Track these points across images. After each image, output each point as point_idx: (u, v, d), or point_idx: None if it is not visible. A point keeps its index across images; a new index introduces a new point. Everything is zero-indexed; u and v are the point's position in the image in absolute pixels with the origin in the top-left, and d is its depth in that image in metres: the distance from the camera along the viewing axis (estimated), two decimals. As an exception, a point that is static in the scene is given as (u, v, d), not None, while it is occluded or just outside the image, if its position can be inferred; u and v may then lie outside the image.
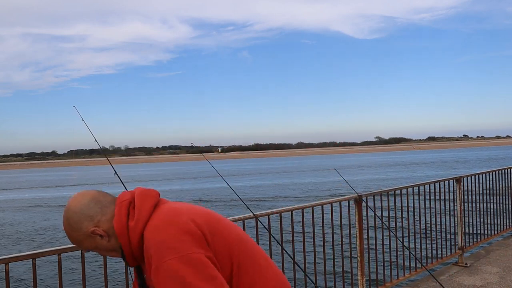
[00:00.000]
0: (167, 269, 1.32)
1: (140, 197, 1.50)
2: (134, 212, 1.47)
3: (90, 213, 1.48)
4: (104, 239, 1.49)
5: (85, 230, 1.47)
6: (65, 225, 1.50)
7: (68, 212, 1.49)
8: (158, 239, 1.37)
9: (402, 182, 27.28)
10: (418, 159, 65.76)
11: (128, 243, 1.45)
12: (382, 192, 4.79)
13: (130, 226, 1.44)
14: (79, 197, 1.51)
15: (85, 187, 41.14)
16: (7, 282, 2.37)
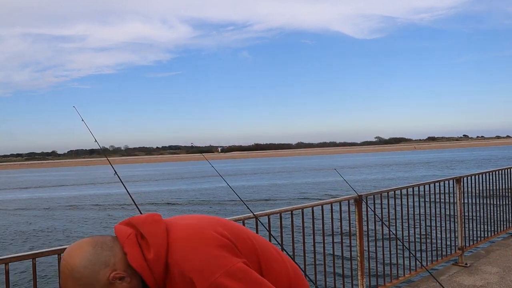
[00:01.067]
0: (219, 285, 1.24)
1: (145, 225, 1.36)
2: (146, 242, 1.32)
3: (101, 259, 1.29)
4: (126, 281, 1.30)
5: (104, 280, 1.27)
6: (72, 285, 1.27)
7: (75, 272, 1.27)
8: (195, 262, 1.26)
9: (402, 182, 27.28)
10: (418, 159, 65.76)
11: (152, 277, 1.30)
12: (382, 192, 4.79)
13: (150, 258, 1.29)
14: (79, 250, 1.30)
15: (85, 187, 41.14)
16: (7, 282, 2.37)
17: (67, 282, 1.27)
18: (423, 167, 45.98)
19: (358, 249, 4.36)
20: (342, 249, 4.34)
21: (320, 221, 4.16)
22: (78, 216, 20.87)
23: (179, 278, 1.27)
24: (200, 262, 1.26)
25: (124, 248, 1.32)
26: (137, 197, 3.59)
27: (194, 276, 1.25)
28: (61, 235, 16.15)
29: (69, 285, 1.27)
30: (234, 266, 1.27)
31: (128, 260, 1.30)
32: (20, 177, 73.65)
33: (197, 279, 1.24)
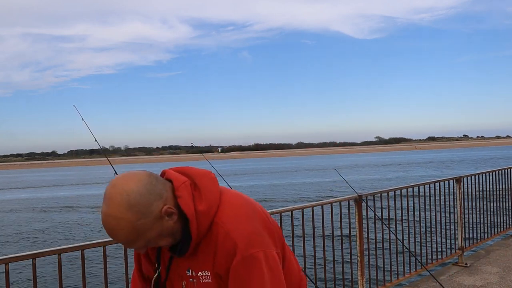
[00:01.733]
0: (253, 261, 1.27)
1: (202, 179, 1.35)
2: (199, 194, 1.32)
3: (157, 190, 1.26)
4: (173, 218, 1.28)
5: (156, 211, 1.24)
6: (127, 216, 1.21)
7: (131, 197, 1.21)
8: (244, 230, 1.29)
9: (402, 182, 27.27)
10: (418, 159, 65.75)
11: (197, 228, 1.29)
12: (382, 192, 4.79)
13: (200, 210, 1.29)
14: (135, 177, 1.26)
15: (84, 187, 41.14)
16: (7, 282, 2.37)
17: (120, 208, 1.20)
18: (423, 167, 45.97)
19: (358, 249, 4.36)
20: (342, 249, 4.34)
21: (320, 221, 4.16)
22: (75, 218, 20.85)
23: (221, 238, 1.29)
24: (248, 232, 1.29)
25: (177, 191, 1.30)
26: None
27: (239, 240, 1.27)
28: (58, 236, 16.14)
29: (121, 212, 1.20)
30: (271, 252, 1.31)
31: (180, 204, 1.29)
32: (19, 177, 73.64)
33: (240, 244, 1.27)
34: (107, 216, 1.22)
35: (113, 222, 1.21)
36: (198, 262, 1.35)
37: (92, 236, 15.27)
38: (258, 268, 1.28)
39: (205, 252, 1.33)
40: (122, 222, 1.20)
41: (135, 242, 1.26)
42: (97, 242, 2.75)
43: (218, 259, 1.30)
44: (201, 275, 1.35)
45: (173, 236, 1.32)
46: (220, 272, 1.31)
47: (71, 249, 2.68)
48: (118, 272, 8.36)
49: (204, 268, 1.34)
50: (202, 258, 1.34)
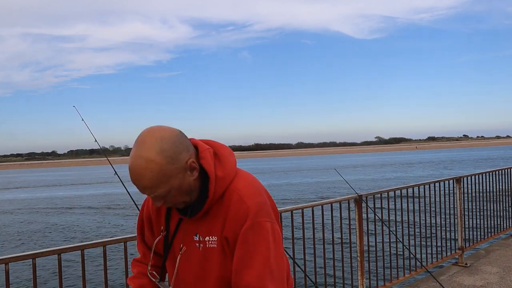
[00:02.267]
0: (262, 229, 1.36)
1: (224, 151, 1.45)
2: (219, 163, 1.41)
3: (185, 143, 1.36)
4: (194, 175, 1.36)
5: (183, 161, 1.32)
6: (157, 159, 1.27)
7: (164, 142, 1.30)
8: (257, 199, 1.39)
9: (402, 182, 27.27)
10: (418, 159, 65.74)
11: (214, 189, 1.38)
12: (382, 192, 4.79)
13: (219, 175, 1.39)
14: (168, 128, 1.36)
15: (82, 186, 41.13)
16: (7, 282, 2.37)
17: (152, 151, 1.28)
18: (424, 167, 45.97)
19: (358, 249, 4.36)
20: (342, 249, 4.34)
21: (320, 221, 4.16)
22: (73, 219, 20.85)
23: (235, 203, 1.37)
24: (259, 201, 1.39)
25: (201, 153, 1.40)
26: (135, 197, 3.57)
27: (251, 206, 1.36)
28: (58, 237, 16.14)
29: (152, 154, 1.27)
30: (276, 226, 1.41)
31: (203, 164, 1.38)
32: (19, 177, 73.63)
33: (252, 210, 1.36)
34: (137, 158, 1.29)
35: (143, 164, 1.27)
36: (206, 227, 1.42)
37: (91, 236, 15.27)
38: (265, 236, 1.36)
39: (215, 217, 1.40)
40: (152, 164, 1.27)
41: (157, 188, 1.30)
42: (97, 242, 2.75)
43: (229, 222, 1.37)
44: (208, 240, 1.41)
45: (190, 194, 1.38)
46: (228, 235, 1.37)
47: (71, 249, 2.68)
48: (119, 272, 8.36)
49: (211, 233, 1.41)
50: (212, 223, 1.41)
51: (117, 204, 24.79)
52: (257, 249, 1.35)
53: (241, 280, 1.35)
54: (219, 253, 1.40)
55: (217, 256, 1.41)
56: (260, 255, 1.35)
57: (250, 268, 1.34)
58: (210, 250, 1.41)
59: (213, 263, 1.41)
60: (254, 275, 1.34)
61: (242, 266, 1.35)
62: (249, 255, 1.35)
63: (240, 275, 1.35)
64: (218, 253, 1.40)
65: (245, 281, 1.34)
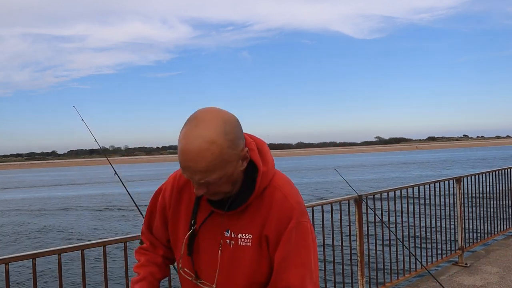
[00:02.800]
0: (305, 229, 1.34)
1: (265, 147, 1.39)
2: (262, 158, 1.35)
3: (242, 130, 1.29)
4: (244, 164, 1.28)
5: (241, 148, 1.24)
6: (220, 141, 1.17)
7: (227, 125, 1.20)
8: (298, 199, 1.37)
9: (402, 182, 27.27)
10: (419, 159, 65.73)
11: (260, 181, 1.32)
12: (382, 192, 4.79)
13: (263, 170, 1.32)
14: (227, 111, 1.26)
15: (82, 186, 41.14)
16: (7, 282, 2.37)
17: (215, 132, 1.17)
18: (424, 167, 45.97)
19: (358, 249, 4.36)
20: (342, 249, 4.34)
21: (320, 221, 4.16)
22: (71, 219, 20.84)
23: (279, 201, 1.32)
24: (300, 202, 1.37)
25: (248, 144, 1.32)
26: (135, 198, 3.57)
27: (295, 206, 1.33)
28: (56, 237, 16.13)
29: (216, 136, 1.17)
30: (312, 226, 1.39)
31: (252, 156, 1.31)
32: (18, 177, 73.62)
33: (296, 210, 1.33)
34: (197, 138, 1.16)
35: (204, 145, 1.16)
36: (241, 224, 1.34)
37: (92, 236, 15.27)
38: (307, 237, 1.34)
39: (254, 214, 1.33)
40: (213, 146, 1.16)
41: (212, 172, 1.19)
42: (97, 242, 2.75)
43: (271, 221, 1.31)
44: (241, 238, 1.34)
45: (234, 185, 1.30)
46: (269, 234, 1.31)
47: (71, 249, 2.68)
48: (119, 271, 8.36)
49: (246, 231, 1.33)
50: (248, 219, 1.33)
51: (113, 205, 24.78)
52: (300, 250, 1.32)
53: (282, 280, 1.31)
54: (253, 252, 1.33)
55: (250, 255, 1.33)
56: (303, 256, 1.32)
57: (292, 269, 1.31)
58: (242, 248, 1.34)
59: (244, 262, 1.34)
60: (295, 275, 1.31)
61: (283, 266, 1.31)
62: (292, 255, 1.31)
63: (281, 275, 1.31)
64: (252, 251, 1.33)
65: (286, 281, 1.30)
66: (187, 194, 1.44)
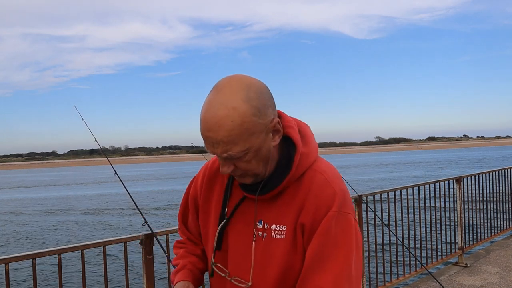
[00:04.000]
0: (348, 222, 1.12)
1: (308, 130, 1.24)
2: (303, 139, 1.19)
3: (273, 100, 1.13)
4: (275, 140, 1.12)
5: (269, 118, 1.09)
6: (242, 107, 1.04)
7: (251, 90, 1.07)
8: (343, 186, 1.16)
9: (402, 182, 27.26)
10: (420, 159, 65.72)
11: (297, 162, 1.14)
12: (382, 192, 4.79)
13: (303, 151, 1.15)
14: (253, 78, 1.12)
15: (81, 186, 41.14)
16: (7, 282, 2.37)
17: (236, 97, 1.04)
18: (424, 167, 45.95)
19: (358, 249, 4.35)
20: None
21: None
22: (70, 219, 20.83)
23: (319, 184, 1.13)
24: (344, 191, 1.16)
25: (287, 122, 1.18)
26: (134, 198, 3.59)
27: (338, 192, 1.13)
28: (54, 238, 16.13)
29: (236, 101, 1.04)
30: (358, 224, 1.18)
31: (289, 132, 1.16)
32: (18, 177, 73.62)
33: (339, 197, 1.12)
34: (216, 104, 1.05)
35: (223, 111, 1.03)
36: (275, 213, 1.17)
37: (92, 236, 15.27)
38: (350, 232, 1.11)
39: (290, 201, 1.15)
40: (235, 112, 1.03)
41: (234, 144, 1.05)
42: (97, 242, 2.75)
43: (309, 207, 1.12)
44: (274, 229, 1.16)
45: (266, 164, 1.14)
46: (305, 222, 1.12)
47: (71, 249, 2.68)
48: (119, 272, 8.36)
49: (280, 221, 1.15)
50: (283, 208, 1.16)
51: (113, 205, 24.77)
52: (338, 246, 1.09)
53: (310, 282, 1.09)
54: (287, 246, 1.14)
55: (283, 249, 1.14)
56: (341, 254, 1.09)
57: (325, 269, 1.08)
58: (275, 241, 1.15)
59: (276, 257, 1.15)
60: (328, 279, 1.07)
61: (315, 264, 1.09)
62: (327, 252, 1.09)
63: (311, 275, 1.10)
64: (285, 245, 1.14)
65: (318, 283, 1.08)
66: (219, 183, 1.30)
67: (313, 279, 1.09)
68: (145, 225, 2.70)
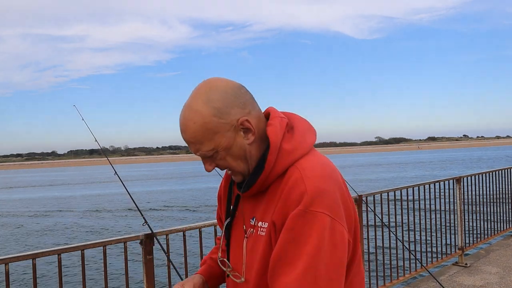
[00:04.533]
0: (315, 220, 1.06)
1: (302, 125, 1.23)
2: (291, 135, 1.19)
3: (242, 99, 1.16)
4: (248, 138, 1.16)
5: (233, 117, 1.13)
6: (203, 109, 1.12)
7: (212, 92, 1.14)
8: (318, 184, 1.09)
9: (402, 182, 27.25)
10: (421, 159, 65.70)
11: (273, 161, 1.15)
12: (382, 192, 4.79)
13: (284, 148, 1.15)
14: (227, 80, 1.18)
15: (78, 186, 41.14)
16: (7, 282, 2.37)
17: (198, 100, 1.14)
18: (425, 167, 45.95)
19: (358, 249, 4.35)
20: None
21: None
22: (69, 219, 20.83)
23: (293, 182, 1.11)
24: (322, 190, 1.09)
25: (270, 120, 1.20)
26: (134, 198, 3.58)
27: (310, 190, 1.08)
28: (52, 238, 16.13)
29: (197, 104, 1.14)
30: (341, 227, 1.09)
31: (267, 131, 1.17)
32: (17, 178, 73.61)
33: (309, 195, 1.08)
34: (185, 108, 1.17)
35: (187, 115, 1.15)
36: (262, 210, 1.19)
37: (92, 237, 15.27)
38: (318, 231, 1.05)
39: (272, 199, 1.16)
40: (196, 115, 1.13)
41: (201, 143, 1.14)
42: (97, 242, 2.75)
43: (280, 204, 1.12)
44: (260, 226, 1.19)
45: (245, 161, 1.18)
46: (276, 219, 1.12)
47: (71, 249, 2.68)
48: (119, 272, 8.36)
49: (264, 219, 1.18)
50: (267, 205, 1.17)
51: (113, 205, 24.77)
52: (301, 244, 1.05)
53: (276, 280, 1.08)
54: (266, 243, 1.15)
55: (263, 246, 1.15)
56: (304, 253, 1.04)
57: (289, 265, 1.06)
58: (259, 238, 1.17)
59: (258, 254, 1.16)
60: (292, 276, 1.04)
61: (280, 260, 1.08)
62: (290, 249, 1.06)
63: (277, 272, 1.08)
64: (265, 242, 1.15)
65: (281, 283, 1.06)
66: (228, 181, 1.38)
67: (276, 278, 1.08)
68: (145, 225, 2.70)
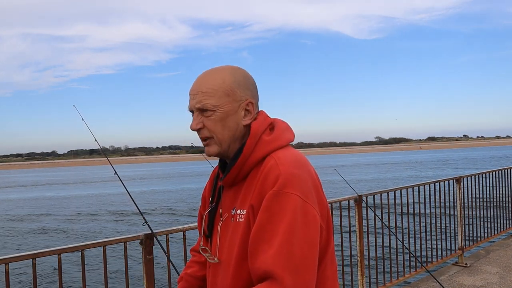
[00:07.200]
0: (288, 200, 1.15)
1: (281, 125, 1.36)
2: (269, 131, 1.32)
3: (253, 87, 1.35)
4: (246, 119, 1.30)
5: (244, 95, 1.30)
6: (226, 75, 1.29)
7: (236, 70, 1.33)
8: (291, 169, 1.20)
9: (402, 182, 27.26)
10: (421, 159, 65.71)
11: (252, 148, 1.27)
12: (382, 192, 4.79)
13: (264, 138, 1.28)
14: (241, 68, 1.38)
15: (79, 186, 41.12)
16: (7, 282, 2.37)
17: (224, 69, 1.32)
18: (425, 167, 45.94)
19: (358, 249, 4.36)
20: (342, 249, 4.34)
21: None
22: (69, 219, 20.83)
23: (268, 167, 1.22)
24: (294, 174, 1.19)
25: (257, 116, 1.34)
26: (129, 198, 3.58)
27: (283, 174, 1.18)
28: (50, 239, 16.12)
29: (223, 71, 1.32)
30: (313, 209, 1.19)
31: (251, 124, 1.31)
32: (17, 178, 73.61)
33: (282, 178, 1.18)
34: (207, 71, 1.33)
35: (210, 73, 1.31)
36: (241, 199, 1.28)
37: (92, 236, 15.27)
38: (290, 211, 1.14)
39: (249, 186, 1.26)
40: (219, 75, 1.29)
41: (210, 96, 1.27)
42: (97, 242, 2.75)
43: (257, 189, 1.21)
44: (239, 214, 1.27)
45: (231, 135, 1.29)
46: (254, 202, 1.21)
47: (71, 249, 2.69)
48: (119, 272, 8.35)
49: (242, 206, 1.26)
50: (245, 193, 1.27)
51: (113, 205, 24.77)
52: (276, 222, 1.14)
53: (256, 259, 1.14)
54: (245, 229, 1.22)
55: (242, 232, 1.23)
56: (279, 231, 1.12)
57: (266, 243, 1.13)
58: (238, 225, 1.26)
59: (238, 240, 1.24)
60: (269, 253, 1.12)
61: (258, 239, 1.15)
62: (268, 226, 1.14)
63: (255, 250, 1.15)
64: (244, 228, 1.23)
65: (259, 260, 1.13)
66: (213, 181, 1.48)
67: (256, 256, 1.15)
68: (145, 225, 2.71)
